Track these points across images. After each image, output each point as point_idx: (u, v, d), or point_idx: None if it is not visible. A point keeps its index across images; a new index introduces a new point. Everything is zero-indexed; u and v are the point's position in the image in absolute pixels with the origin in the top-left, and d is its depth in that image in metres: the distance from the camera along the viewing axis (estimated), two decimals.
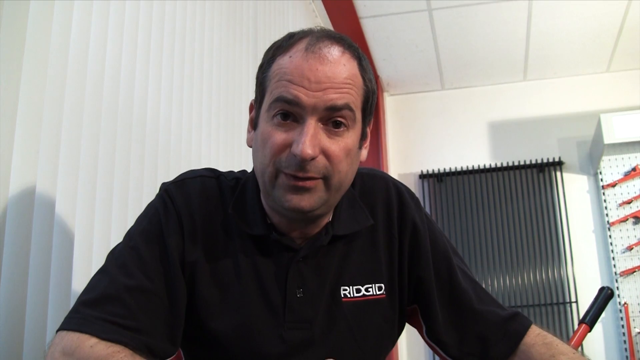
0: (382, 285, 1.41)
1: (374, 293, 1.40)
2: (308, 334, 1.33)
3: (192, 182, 1.37)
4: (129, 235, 1.31)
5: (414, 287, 1.45)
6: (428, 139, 5.82)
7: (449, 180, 5.72)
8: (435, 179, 5.73)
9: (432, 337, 1.46)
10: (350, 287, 1.38)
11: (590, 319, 2.37)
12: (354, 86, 1.24)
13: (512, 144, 5.75)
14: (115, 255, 1.27)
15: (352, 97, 1.23)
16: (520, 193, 5.60)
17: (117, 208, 1.85)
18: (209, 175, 1.40)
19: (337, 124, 1.23)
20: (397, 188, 1.48)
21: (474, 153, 5.77)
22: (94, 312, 1.16)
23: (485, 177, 5.69)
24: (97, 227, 1.75)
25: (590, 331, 2.36)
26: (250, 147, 1.34)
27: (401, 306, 1.45)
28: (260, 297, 1.32)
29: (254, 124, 1.32)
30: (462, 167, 5.72)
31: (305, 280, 1.34)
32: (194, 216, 1.32)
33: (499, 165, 5.69)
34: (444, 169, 5.74)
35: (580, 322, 2.41)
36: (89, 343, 1.11)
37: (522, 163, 5.65)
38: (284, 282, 1.33)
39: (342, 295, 1.37)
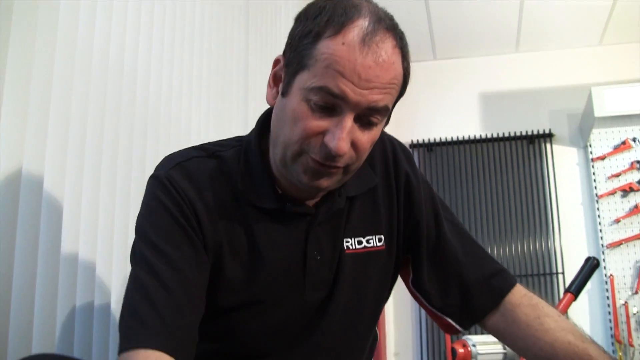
0: (382, 236, 1.44)
1: (374, 245, 1.43)
2: (325, 293, 1.38)
3: (188, 163, 1.33)
4: (145, 236, 1.27)
5: (410, 234, 1.49)
6: (419, 108, 5.81)
7: (439, 150, 5.73)
8: (425, 149, 5.73)
9: (416, 286, 1.49)
10: (352, 238, 1.41)
11: (576, 288, 2.40)
12: (396, 85, 1.22)
13: (503, 115, 5.75)
14: (139, 262, 1.24)
15: (392, 96, 1.23)
16: (509, 164, 5.62)
17: (105, 181, 1.83)
18: (201, 155, 1.36)
19: (371, 123, 1.22)
20: (390, 142, 1.51)
21: (465, 123, 5.77)
22: (148, 321, 1.16)
23: (476, 147, 5.70)
24: (84, 203, 1.72)
25: (575, 300, 2.40)
26: (270, 104, 1.32)
27: (397, 257, 1.49)
28: (281, 267, 1.34)
29: (282, 89, 1.26)
30: (452, 138, 5.73)
31: (321, 243, 1.37)
32: (204, 196, 1.30)
33: (489, 136, 5.70)
34: (435, 139, 5.74)
35: (566, 291, 2.45)
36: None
37: (512, 134, 5.66)
38: (303, 248, 1.36)
39: (345, 248, 1.40)
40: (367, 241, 1.42)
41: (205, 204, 1.29)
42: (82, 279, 1.69)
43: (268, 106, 1.38)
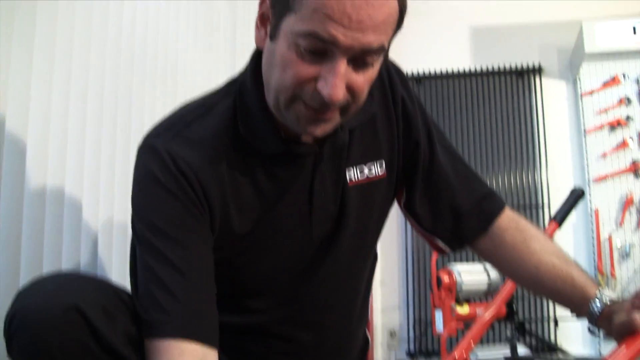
0: (383, 161, 1.43)
1: (376, 173, 1.42)
2: (331, 226, 1.38)
3: (190, 132, 1.27)
4: (146, 220, 1.22)
5: (409, 157, 1.47)
6: (408, 40, 5.74)
7: (428, 83, 5.71)
8: (414, 81, 5.71)
9: (408, 208, 1.50)
10: (354, 167, 1.39)
11: (560, 217, 2.45)
12: (392, 23, 1.15)
13: (493, 48, 5.71)
14: (145, 247, 1.21)
15: (388, 35, 1.16)
16: (498, 98, 5.61)
17: (92, 114, 1.82)
18: (199, 116, 1.30)
19: (366, 63, 1.15)
20: (385, 65, 1.47)
21: (454, 56, 5.74)
22: (171, 310, 1.15)
23: (465, 80, 5.69)
24: (70, 138, 1.72)
25: (559, 228, 2.44)
26: (260, 47, 1.25)
27: (397, 181, 1.48)
28: (288, 208, 1.33)
29: (270, 33, 1.18)
30: (441, 70, 5.71)
31: (326, 179, 1.35)
32: (209, 162, 1.25)
33: (478, 69, 5.68)
34: (424, 72, 5.71)
35: (551, 219, 2.49)
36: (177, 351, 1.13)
37: (501, 68, 5.64)
38: (309, 186, 1.34)
39: (348, 180, 1.38)
40: (369, 169, 1.41)
41: (211, 170, 1.25)
42: (68, 215, 1.70)
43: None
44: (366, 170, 1.40)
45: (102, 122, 1.88)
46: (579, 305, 1.39)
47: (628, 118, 5.12)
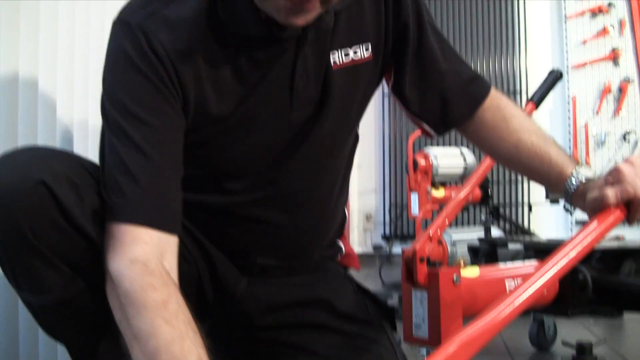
0: (369, 44, 1.38)
1: (362, 56, 1.37)
2: (311, 111, 1.34)
3: (168, 11, 1.19)
4: (115, 99, 1.18)
5: (398, 39, 1.42)
6: None
7: None
8: None
9: (396, 91, 1.48)
10: (339, 50, 1.34)
11: (538, 98, 2.45)
12: None
13: None
14: (112, 127, 1.17)
15: None
16: None
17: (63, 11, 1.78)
18: None
19: None
20: None
21: None
22: (133, 195, 1.12)
23: None
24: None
25: (536, 109, 2.45)
26: None
27: (384, 64, 1.44)
28: (268, 92, 1.29)
29: None
30: None
31: (308, 62, 1.31)
32: (185, 43, 1.19)
33: None
34: None
35: (528, 100, 2.50)
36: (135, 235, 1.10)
37: None
38: (290, 70, 1.29)
39: (332, 63, 1.33)
40: (355, 52, 1.35)
41: (186, 53, 1.20)
42: (42, 112, 1.69)
43: None
44: (351, 53, 1.35)
45: (74, 14, 1.83)
46: (556, 183, 1.40)
47: (610, 5, 5.09)
